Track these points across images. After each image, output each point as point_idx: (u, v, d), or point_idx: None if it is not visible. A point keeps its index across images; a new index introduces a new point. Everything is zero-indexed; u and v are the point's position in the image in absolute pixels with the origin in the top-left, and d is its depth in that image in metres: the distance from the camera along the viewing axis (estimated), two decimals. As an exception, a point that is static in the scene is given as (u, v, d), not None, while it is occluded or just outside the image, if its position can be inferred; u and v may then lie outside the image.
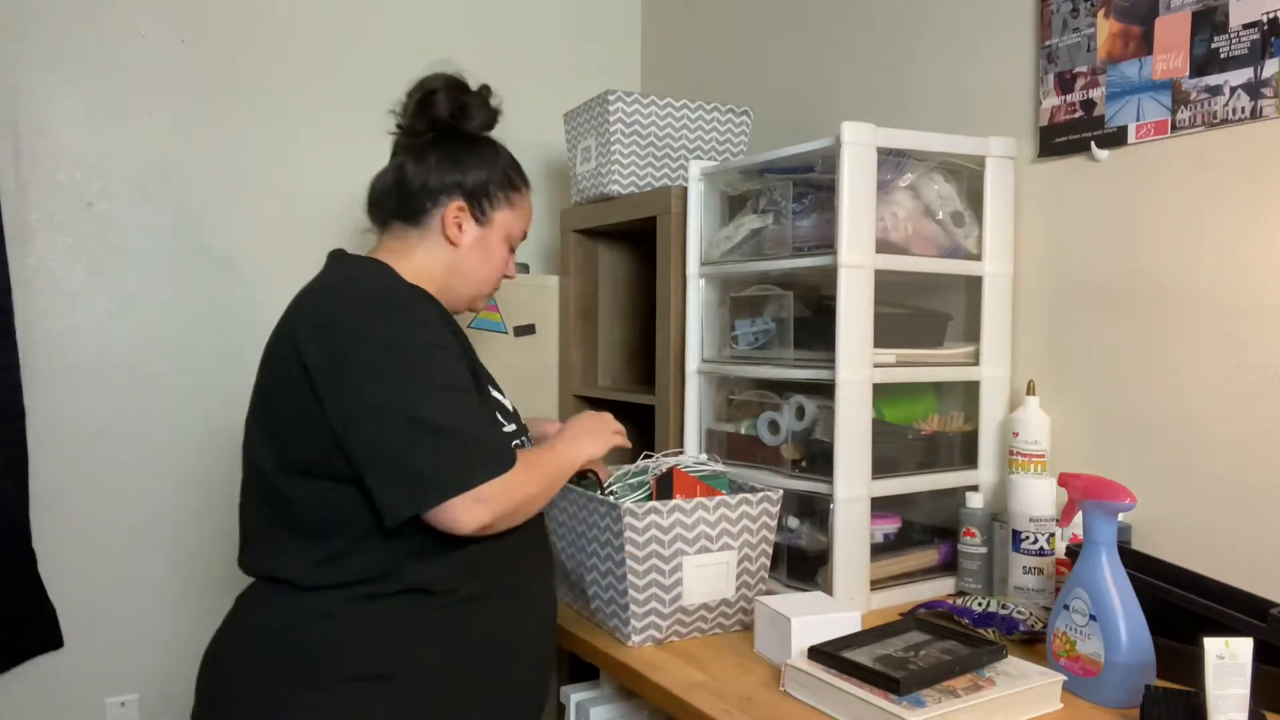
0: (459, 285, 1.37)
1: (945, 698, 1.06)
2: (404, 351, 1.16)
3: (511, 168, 1.41)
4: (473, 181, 1.36)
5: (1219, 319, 1.40)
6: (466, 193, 1.35)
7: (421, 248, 1.35)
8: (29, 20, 2.02)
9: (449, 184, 1.35)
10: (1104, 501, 1.18)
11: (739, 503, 1.42)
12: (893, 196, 1.56)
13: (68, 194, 2.06)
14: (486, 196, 1.37)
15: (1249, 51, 1.34)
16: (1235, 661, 1.00)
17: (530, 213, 1.45)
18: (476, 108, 1.38)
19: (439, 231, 1.34)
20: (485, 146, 1.39)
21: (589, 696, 1.54)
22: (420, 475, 1.12)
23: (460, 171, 1.35)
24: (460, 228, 1.35)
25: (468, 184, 1.35)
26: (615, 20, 2.74)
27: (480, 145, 1.39)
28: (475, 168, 1.36)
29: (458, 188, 1.35)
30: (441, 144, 1.36)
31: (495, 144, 1.41)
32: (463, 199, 1.35)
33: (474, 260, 1.37)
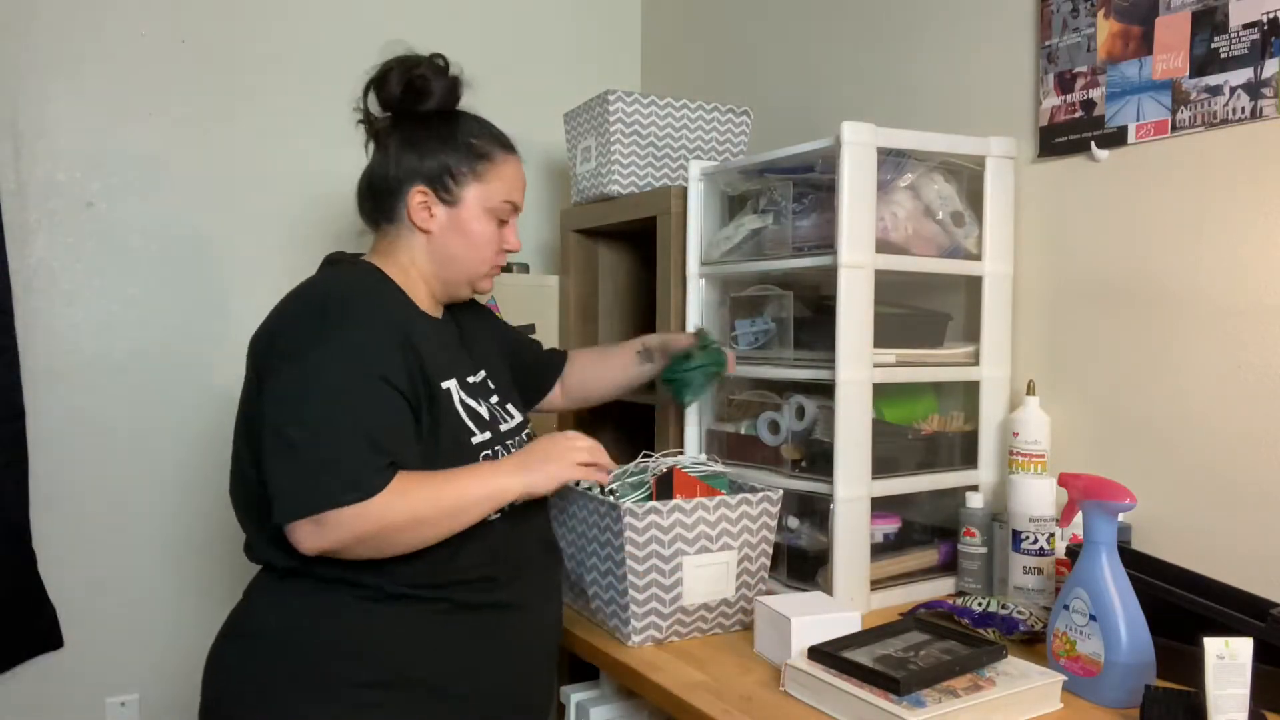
0: (448, 272, 1.33)
1: (945, 698, 1.06)
2: (305, 363, 1.14)
3: (475, 137, 1.32)
4: (429, 164, 1.29)
5: (1219, 319, 1.40)
6: (425, 177, 1.29)
7: (401, 243, 1.32)
8: (29, 20, 2.02)
9: (406, 172, 1.29)
10: (1104, 501, 1.18)
11: (739, 503, 1.42)
12: (893, 196, 1.56)
13: (68, 194, 2.06)
14: (449, 174, 1.30)
15: (1249, 51, 1.34)
16: (1235, 661, 1.00)
17: (514, 177, 1.36)
18: (430, 80, 1.30)
19: (411, 223, 1.31)
20: (440, 123, 1.32)
21: (589, 696, 1.54)
22: (279, 491, 1.11)
23: (416, 156, 1.30)
24: (430, 213, 1.30)
25: (424, 168, 1.29)
26: (615, 20, 2.74)
27: (434, 122, 1.32)
28: (430, 148, 1.30)
29: (415, 174, 1.29)
30: (398, 129, 1.31)
31: (454, 116, 1.33)
32: (423, 183, 1.29)
33: (453, 244, 1.31)
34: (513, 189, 1.35)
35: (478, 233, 1.32)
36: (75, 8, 2.05)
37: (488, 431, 1.28)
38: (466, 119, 1.34)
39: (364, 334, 1.18)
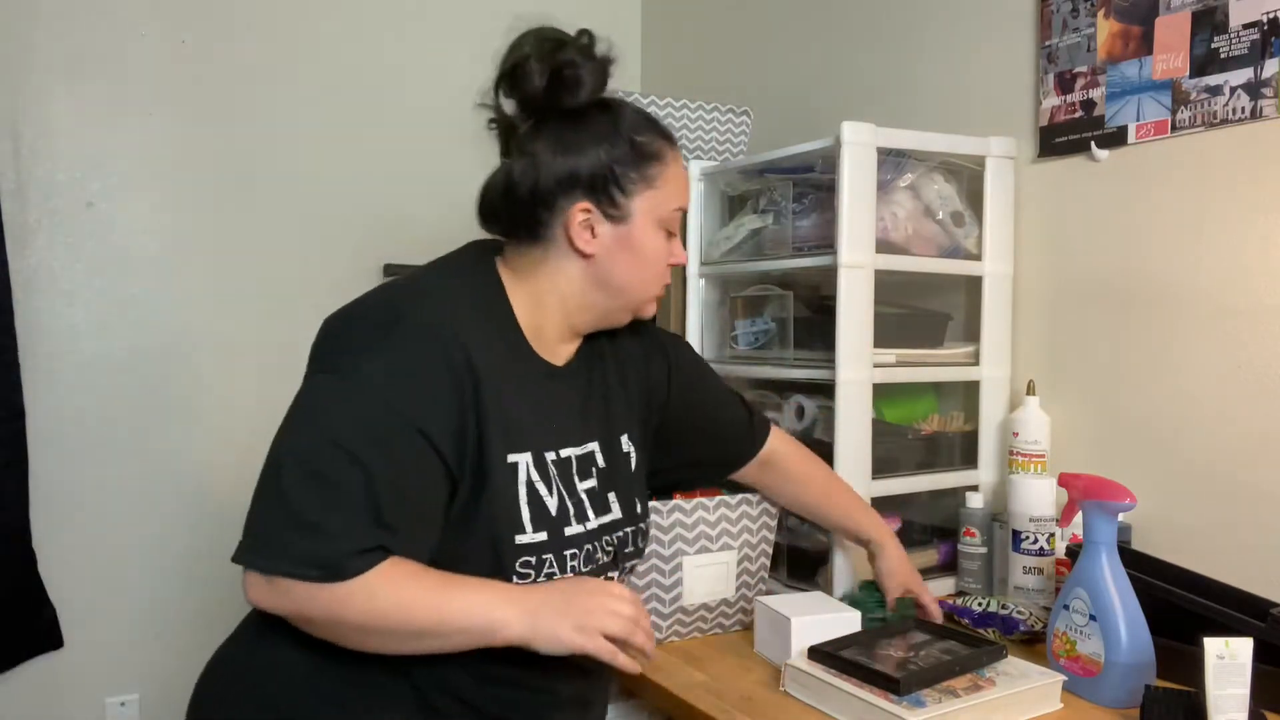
0: (610, 300, 1.10)
1: (945, 698, 1.06)
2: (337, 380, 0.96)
3: (638, 132, 1.07)
4: (590, 169, 1.05)
5: (1219, 319, 1.40)
6: (587, 187, 1.05)
7: (547, 267, 1.08)
8: (29, 20, 2.01)
9: (563, 182, 1.05)
10: (1104, 501, 1.18)
11: (739, 503, 1.42)
12: (893, 196, 1.56)
13: (68, 194, 2.06)
14: (615, 183, 1.05)
15: (1249, 51, 1.34)
16: (1235, 661, 1.00)
17: (683, 179, 1.12)
18: (580, 67, 1.04)
19: (566, 244, 1.06)
20: (598, 116, 1.06)
21: (589, 696, 1.54)
22: (247, 526, 0.95)
23: (573, 160, 1.05)
24: (592, 233, 1.06)
25: (585, 175, 1.05)
26: (615, 20, 2.74)
27: (591, 117, 1.06)
28: (590, 150, 1.05)
29: (574, 184, 1.05)
30: (544, 129, 1.06)
31: (614, 106, 1.08)
32: (585, 197, 1.05)
33: (622, 266, 1.08)
34: (682, 193, 1.12)
35: (650, 248, 1.09)
36: (75, 8, 2.05)
37: (544, 531, 1.03)
38: (625, 110, 1.09)
39: (418, 365, 0.97)
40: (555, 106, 1.05)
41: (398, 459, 0.94)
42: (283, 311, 2.24)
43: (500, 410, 1.00)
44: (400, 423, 0.94)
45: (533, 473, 1.04)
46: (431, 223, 2.45)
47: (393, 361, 0.96)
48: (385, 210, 2.39)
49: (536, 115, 1.06)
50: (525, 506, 1.02)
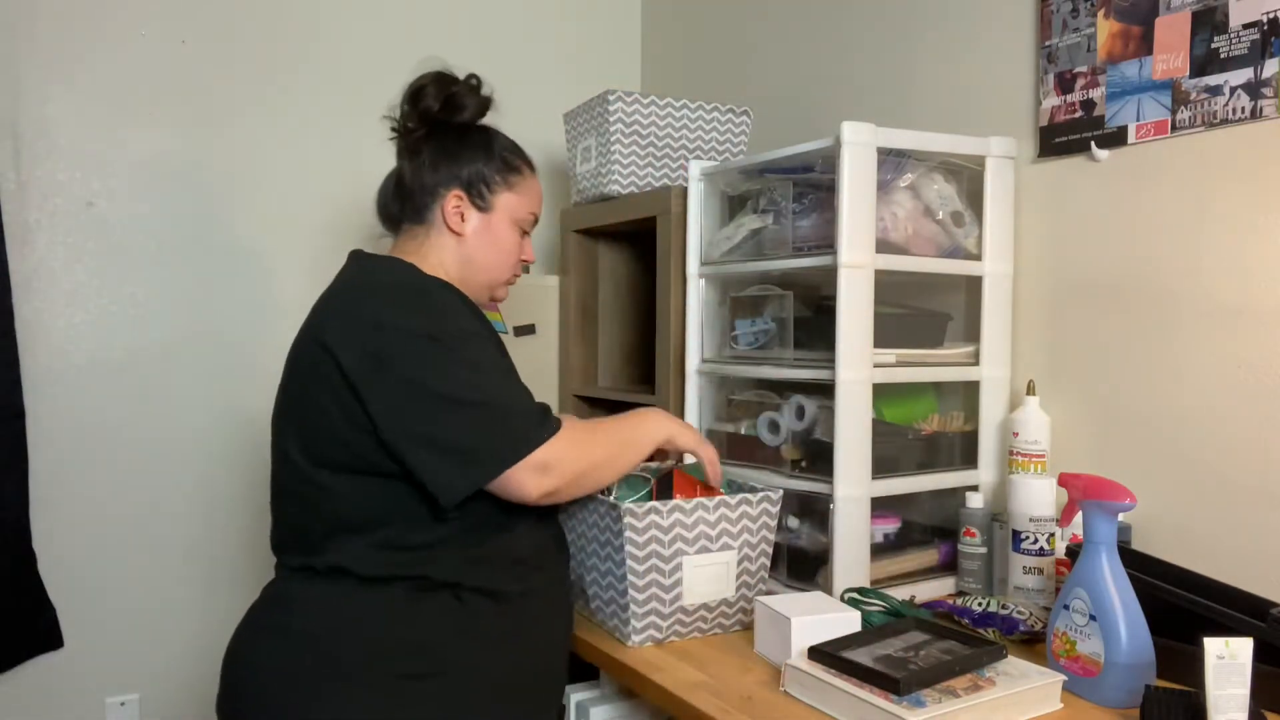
0: (474, 275, 1.39)
1: (945, 698, 1.06)
2: (439, 338, 1.20)
3: (509, 150, 1.42)
4: (468, 171, 1.37)
5: (1219, 319, 1.40)
6: (463, 182, 1.37)
7: (431, 244, 1.37)
8: (29, 20, 2.02)
9: (445, 177, 1.36)
10: (1104, 501, 1.18)
11: (739, 503, 1.42)
12: (893, 196, 1.56)
13: (68, 194, 2.06)
14: (484, 182, 1.38)
15: (1249, 51, 1.34)
16: (1235, 661, 1.00)
17: (538, 194, 1.45)
18: (466, 97, 1.38)
19: (443, 225, 1.36)
20: (477, 134, 1.40)
21: (589, 696, 1.54)
22: (474, 451, 1.16)
23: (455, 163, 1.37)
24: (462, 217, 1.36)
25: (463, 174, 1.37)
26: (615, 20, 2.74)
27: (472, 134, 1.40)
28: (469, 157, 1.38)
29: (454, 179, 1.36)
30: (434, 139, 1.37)
31: (489, 130, 1.42)
32: (459, 188, 1.36)
33: (483, 248, 1.38)
34: (536, 202, 1.44)
35: (504, 240, 1.40)
36: (75, 8, 2.05)
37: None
38: (499, 134, 1.42)
39: (464, 310, 1.28)
40: (443, 122, 1.37)
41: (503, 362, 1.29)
42: (282, 311, 2.24)
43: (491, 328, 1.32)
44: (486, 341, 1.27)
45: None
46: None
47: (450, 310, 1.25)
48: (385, 210, 2.39)
49: (429, 127, 1.37)
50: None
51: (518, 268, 1.44)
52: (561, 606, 1.35)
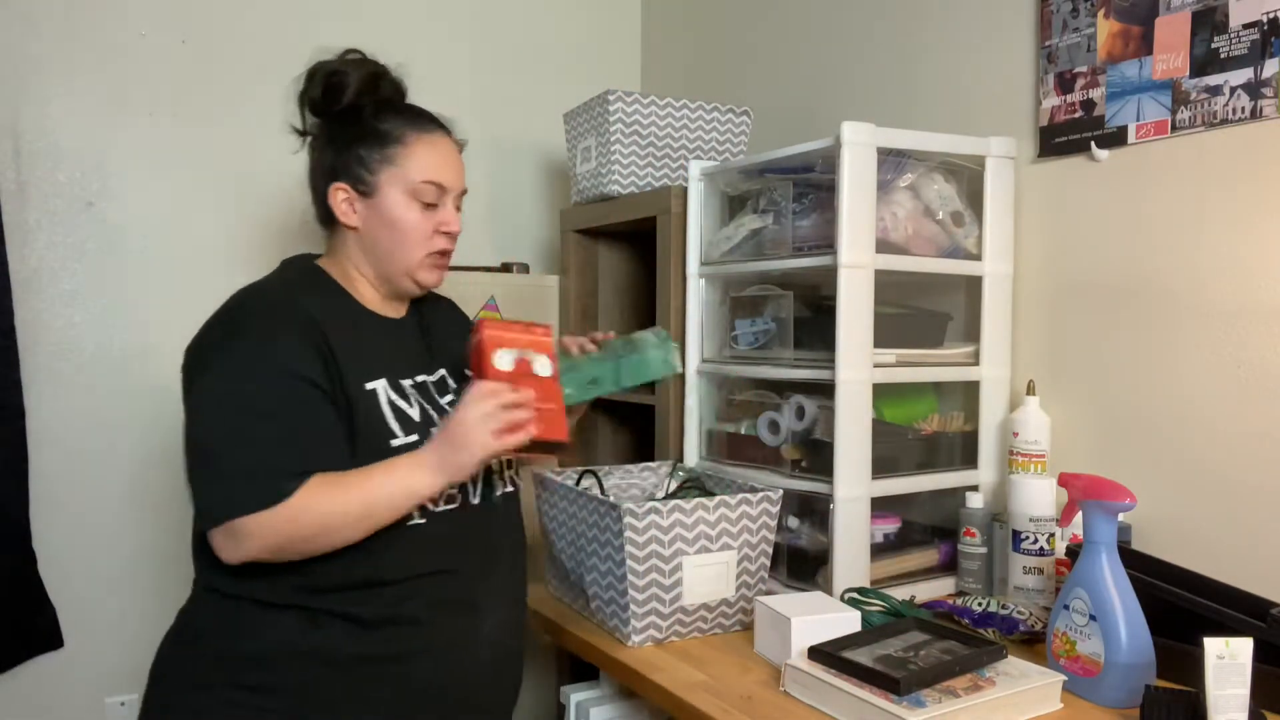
0: (384, 266, 1.30)
1: (945, 698, 1.06)
2: (209, 367, 1.17)
3: (383, 121, 1.28)
4: (343, 158, 1.28)
5: (1219, 319, 1.40)
6: (341, 171, 1.28)
7: (338, 243, 1.32)
8: (29, 20, 2.01)
9: (325, 170, 1.29)
10: (1104, 501, 1.18)
11: (739, 503, 1.42)
12: (893, 196, 1.56)
13: (68, 194, 2.06)
14: (362, 165, 1.27)
15: (1249, 51, 1.34)
16: (1235, 661, 1.00)
17: (431, 155, 1.29)
18: (347, 75, 1.28)
19: (339, 222, 1.29)
20: (350, 115, 1.29)
21: (589, 696, 1.55)
22: (195, 503, 1.15)
23: (332, 152, 1.29)
24: (352, 208, 1.28)
25: (340, 163, 1.28)
26: (615, 20, 2.74)
27: (346, 116, 1.29)
28: (343, 142, 1.28)
29: (333, 171, 1.28)
30: (321, 131, 1.32)
31: (362, 107, 1.29)
32: (340, 179, 1.28)
33: (380, 236, 1.28)
34: (430, 167, 1.28)
35: (402, 219, 1.27)
36: (75, 8, 2.05)
37: (415, 434, 1.22)
38: (380, 107, 1.30)
39: (276, 337, 1.17)
40: (328, 110, 1.30)
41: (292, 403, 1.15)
42: (283, 311, 2.23)
43: (348, 352, 1.21)
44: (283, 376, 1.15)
45: (391, 394, 1.24)
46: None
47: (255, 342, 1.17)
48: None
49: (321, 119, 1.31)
50: (392, 419, 1.22)
51: (434, 242, 1.30)
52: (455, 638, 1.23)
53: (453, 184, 1.30)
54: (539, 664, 2.29)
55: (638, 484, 1.75)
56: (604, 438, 2.33)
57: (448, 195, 1.30)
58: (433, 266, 1.31)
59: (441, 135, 1.31)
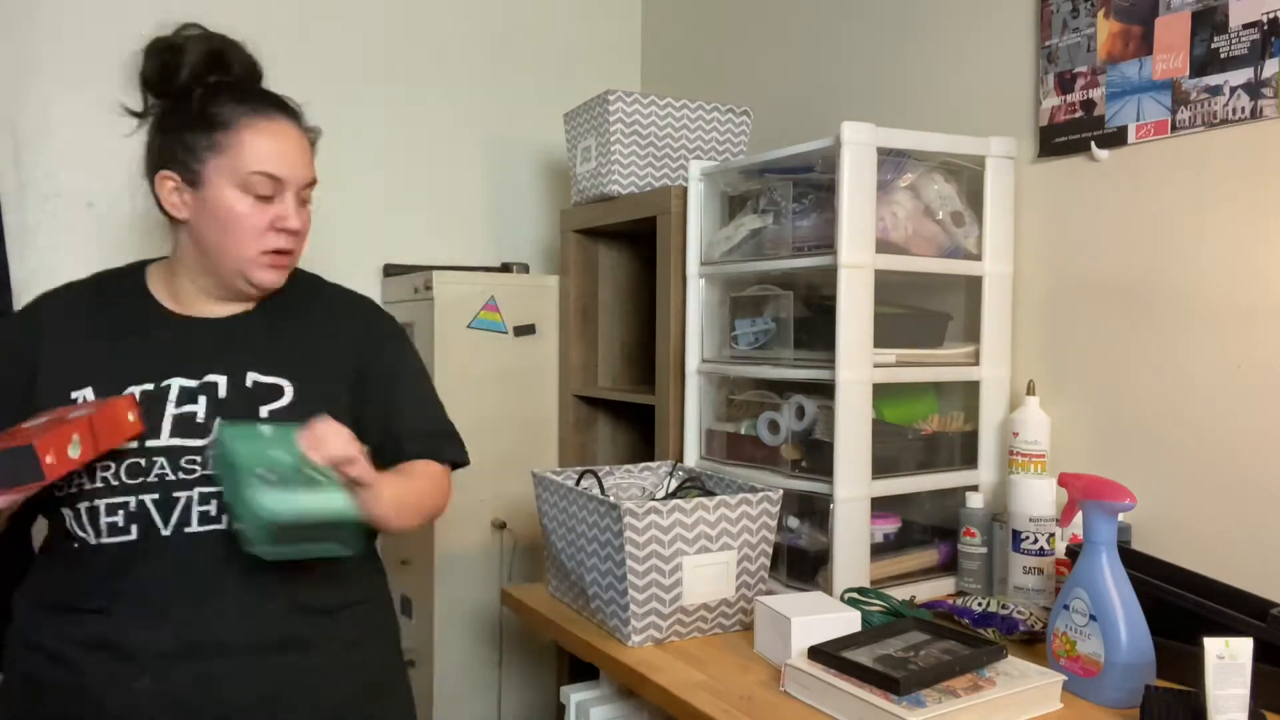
0: (216, 264, 1.18)
1: (945, 698, 1.06)
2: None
3: (215, 105, 1.15)
4: (170, 145, 1.16)
5: (1219, 319, 1.40)
6: (168, 160, 1.16)
7: (171, 239, 1.22)
8: (29, 21, 2.01)
9: (153, 157, 1.18)
10: (1104, 501, 1.18)
11: (739, 503, 1.42)
12: (893, 196, 1.56)
13: (68, 194, 2.06)
14: (189, 152, 1.14)
15: (1249, 51, 1.34)
16: (1235, 661, 1.00)
17: (263, 144, 1.16)
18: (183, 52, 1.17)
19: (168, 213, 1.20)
20: (183, 99, 1.17)
21: (589, 696, 1.54)
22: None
23: (159, 138, 1.18)
24: (181, 200, 1.17)
25: (166, 148, 1.16)
26: (615, 20, 2.74)
27: (181, 100, 1.17)
28: (170, 128, 1.16)
29: (161, 157, 1.17)
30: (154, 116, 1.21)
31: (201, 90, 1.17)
32: (168, 167, 1.16)
33: (210, 229, 1.16)
34: (263, 157, 1.15)
35: (229, 212, 1.15)
36: (75, 8, 2.05)
37: None
38: (216, 90, 1.17)
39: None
40: (161, 92, 1.19)
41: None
42: (283, 311, 2.23)
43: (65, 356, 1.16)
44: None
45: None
46: (431, 223, 2.45)
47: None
48: (385, 210, 2.39)
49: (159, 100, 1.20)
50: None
51: (269, 239, 1.17)
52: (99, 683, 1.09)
53: (291, 176, 1.17)
54: (539, 664, 2.30)
55: (637, 484, 1.75)
56: (604, 438, 2.33)
57: (286, 188, 1.17)
58: (269, 265, 1.19)
59: (282, 121, 1.18)
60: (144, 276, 1.25)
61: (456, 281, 2.19)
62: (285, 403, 1.20)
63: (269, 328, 1.24)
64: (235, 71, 1.21)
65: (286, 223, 1.17)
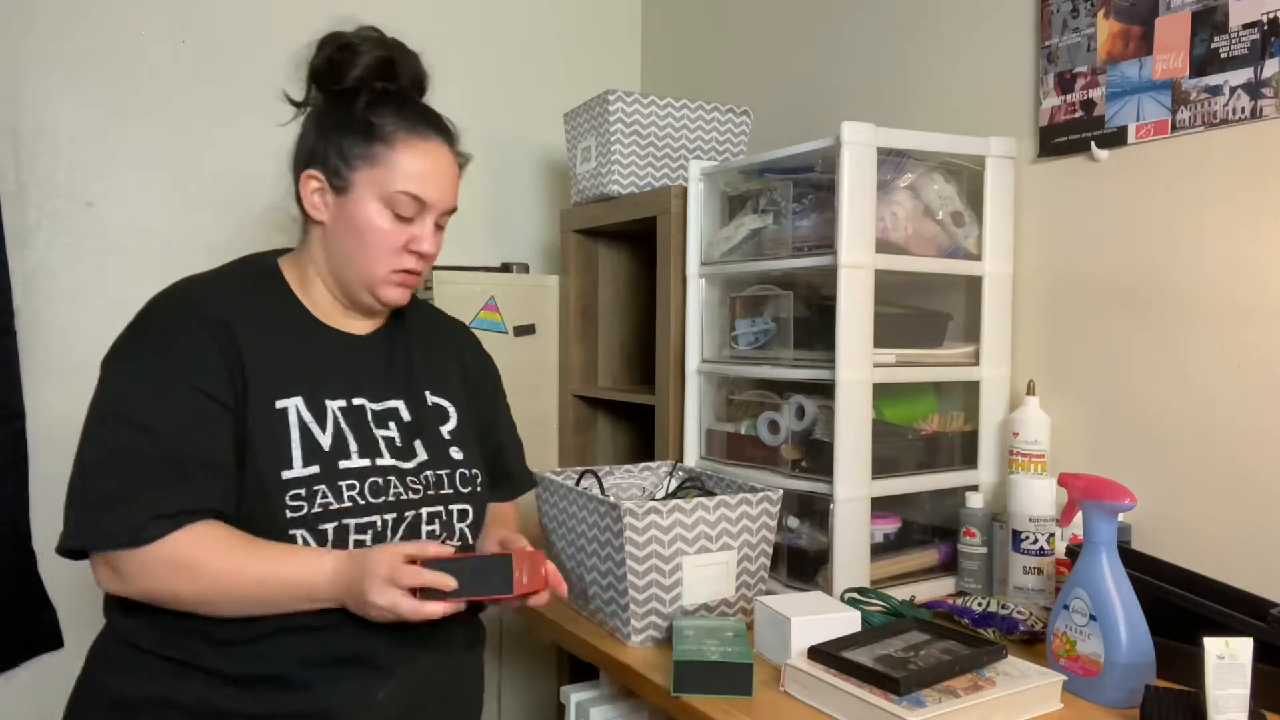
0: (343, 272, 1.16)
1: (945, 698, 1.06)
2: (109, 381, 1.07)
3: (377, 115, 1.13)
4: (324, 144, 1.14)
5: (1219, 319, 1.40)
6: (319, 159, 1.14)
7: (306, 237, 1.20)
8: (29, 20, 2.01)
9: (304, 154, 1.17)
10: (1104, 501, 1.18)
11: (739, 503, 1.42)
12: (893, 196, 1.56)
13: (68, 194, 2.06)
14: (340, 157, 1.13)
15: (1249, 51, 1.34)
16: (1235, 661, 1.00)
17: (418, 165, 1.14)
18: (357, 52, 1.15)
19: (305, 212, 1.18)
20: (348, 98, 1.15)
21: (589, 696, 1.54)
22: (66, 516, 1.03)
23: (315, 135, 1.16)
24: (322, 201, 1.15)
25: (319, 149, 1.14)
26: (615, 20, 2.74)
27: (343, 98, 1.16)
28: (328, 127, 1.15)
29: (311, 156, 1.15)
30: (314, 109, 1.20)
31: (364, 92, 1.15)
32: (316, 166, 1.14)
33: (344, 238, 1.14)
34: (413, 179, 1.13)
35: (368, 226, 1.13)
36: (75, 8, 2.05)
37: (316, 465, 1.08)
38: (380, 96, 1.16)
39: (175, 341, 1.06)
40: (326, 87, 1.18)
41: (184, 420, 1.03)
42: (283, 311, 2.23)
43: (264, 362, 1.09)
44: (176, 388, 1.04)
45: (305, 415, 1.10)
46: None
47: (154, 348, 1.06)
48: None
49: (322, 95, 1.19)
50: (296, 446, 1.08)
51: (402, 259, 1.15)
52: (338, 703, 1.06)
53: (436, 200, 1.16)
54: (539, 664, 2.30)
55: (637, 484, 1.75)
56: (604, 437, 2.33)
57: (428, 211, 1.16)
58: (397, 284, 1.17)
59: (438, 143, 1.16)
60: (282, 276, 1.19)
61: (456, 281, 2.19)
62: (454, 424, 1.24)
63: (412, 348, 1.26)
64: (403, 82, 1.19)
65: (421, 245, 1.16)
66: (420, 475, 1.16)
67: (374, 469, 1.12)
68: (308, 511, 1.06)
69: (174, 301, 1.11)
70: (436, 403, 1.24)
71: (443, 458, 1.20)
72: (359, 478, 1.10)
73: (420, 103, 1.21)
